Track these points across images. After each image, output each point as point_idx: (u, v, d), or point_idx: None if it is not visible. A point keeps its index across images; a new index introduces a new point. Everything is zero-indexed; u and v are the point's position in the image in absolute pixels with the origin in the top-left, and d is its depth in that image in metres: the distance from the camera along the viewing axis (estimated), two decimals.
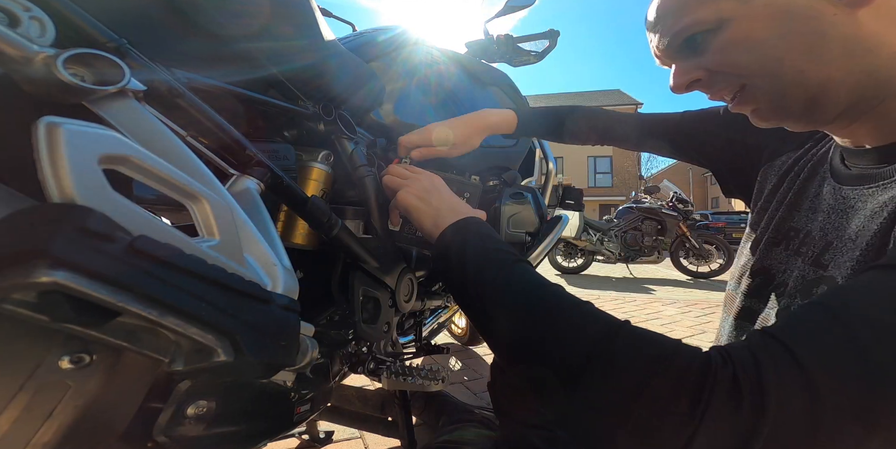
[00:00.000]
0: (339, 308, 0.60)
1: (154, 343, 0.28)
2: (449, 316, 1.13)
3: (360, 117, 0.69)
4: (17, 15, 0.26)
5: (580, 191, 1.42)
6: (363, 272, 0.57)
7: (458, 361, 1.23)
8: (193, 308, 0.27)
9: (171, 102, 0.36)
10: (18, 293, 0.22)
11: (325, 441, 1.02)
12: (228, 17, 0.42)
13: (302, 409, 0.48)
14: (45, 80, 0.26)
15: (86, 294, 0.22)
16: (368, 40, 0.77)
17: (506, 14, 1.02)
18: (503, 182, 0.93)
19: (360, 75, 0.63)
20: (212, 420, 0.36)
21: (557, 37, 1.07)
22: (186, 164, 0.33)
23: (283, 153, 0.56)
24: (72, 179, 0.24)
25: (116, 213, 0.25)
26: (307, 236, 0.55)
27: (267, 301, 0.34)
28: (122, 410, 0.30)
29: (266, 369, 0.34)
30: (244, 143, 0.42)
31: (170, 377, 0.33)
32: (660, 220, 5.13)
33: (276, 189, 0.45)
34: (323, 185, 0.57)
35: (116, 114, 0.30)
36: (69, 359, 0.26)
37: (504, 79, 1.07)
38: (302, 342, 0.39)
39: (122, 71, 0.30)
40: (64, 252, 0.22)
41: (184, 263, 0.27)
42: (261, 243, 0.37)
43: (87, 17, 0.31)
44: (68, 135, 0.24)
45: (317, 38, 0.52)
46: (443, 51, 0.93)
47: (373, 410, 0.89)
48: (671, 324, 2.52)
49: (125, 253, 0.24)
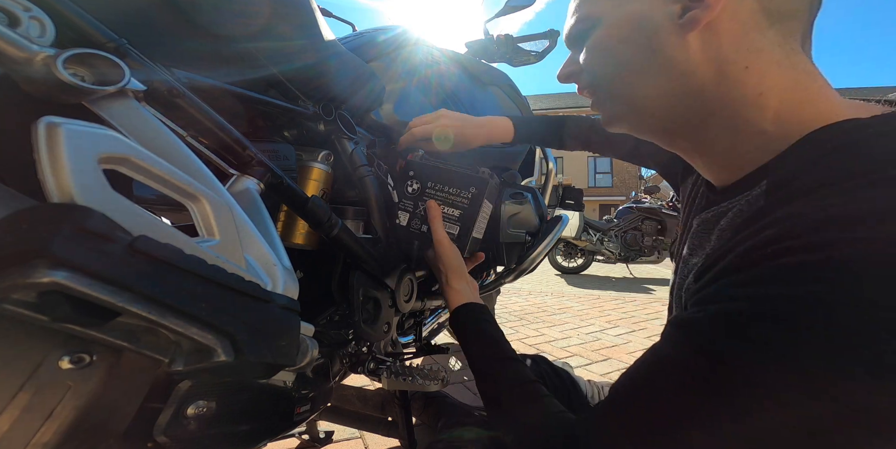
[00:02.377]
0: (339, 308, 0.60)
1: (154, 343, 0.28)
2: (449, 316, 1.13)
3: (360, 117, 0.69)
4: (17, 15, 0.26)
5: (580, 191, 1.42)
6: (363, 272, 0.57)
7: (458, 361, 1.23)
8: (193, 308, 0.27)
9: (171, 102, 0.36)
10: (18, 293, 0.22)
11: (325, 441, 1.02)
12: (228, 17, 0.42)
13: (302, 409, 0.48)
14: (45, 80, 0.26)
15: (86, 294, 0.22)
16: (368, 40, 0.77)
17: (506, 14, 1.02)
18: (503, 182, 0.93)
19: (360, 75, 0.63)
20: (212, 420, 0.36)
21: (557, 37, 1.07)
22: (186, 164, 0.33)
23: (283, 153, 0.56)
24: (72, 179, 0.24)
25: (116, 214, 0.25)
26: (307, 236, 0.55)
27: (267, 301, 0.34)
28: (122, 410, 0.30)
29: (266, 369, 0.34)
30: (244, 143, 0.42)
31: (170, 377, 0.33)
32: (660, 221, 5.13)
33: (276, 189, 0.45)
34: (323, 185, 0.57)
35: (116, 114, 0.30)
36: (69, 359, 0.26)
37: (504, 79, 1.07)
38: (302, 342, 0.39)
39: (122, 71, 0.30)
40: (64, 252, 0.22)
41: (184, 263, 0.27)
42: (261, 243, 0.37)
43: (87, 17, 0.31)
44: (68, 135, 0.24)
45: (317, 38, 0.52)
46: (443, 51, 0.93)
47: (373, 410, 0.89)
48: None
49: (125, 253, 0.24)
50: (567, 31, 0.44)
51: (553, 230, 0.97)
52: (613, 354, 1.80)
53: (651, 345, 0.35)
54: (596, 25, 0.40)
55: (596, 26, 0.40)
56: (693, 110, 0.37)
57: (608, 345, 1.98)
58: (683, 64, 0.36)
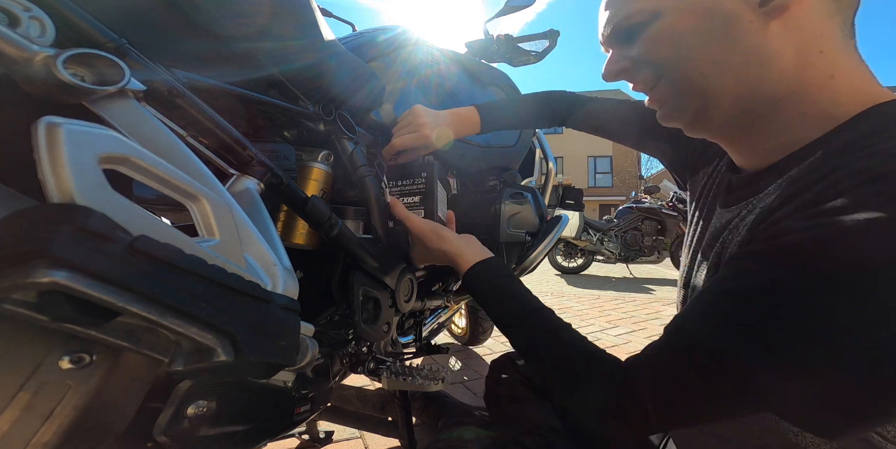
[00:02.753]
0: (339, 308, 0.60)
1: (154, 343, 0.28)
2: (449, 316, 1.13)
3: (360, 117, 0.69)
4: (17, 15, 0.26)
5: (580, 191, 1.42)
6: (363, 272, 0.57)
7: (458, 361, 1.23)
8: (193, 308, 0.27)
9: (171, 102, 0.36)
10: (18, 293, 0.22)
11: (325, 441, 1.01)
12: (228, 17, 0.42)
13: (302, 409, 0.48)
14: (45, 80, 0.26)
15: (86, 294, 0.22)
16: (368, 40, 0.77)
17: (506, 14, 1.02)
18: (503, 182, 0.93)
19: (360, 75, 0.63)
20: (212, 420, 0.36)
21: (557, 37, 1.07)
22: (186, 164, 0.33)
23: (283, 153, 0.56)
24: (72, 179, 0.24)
25: (116, 213, 0.25)
26: (307, 236, 0.55)
27: (267, 301, 0.34)
28: (122, 410, 0.30)
29: (266, 369, 0.34)
30: (244, 143, 0.42)
31: (170, 377, 0.33)
32: (660, 220, 5.13)
33: (276, 189, 0.45)
34: (323, 185, 0.57)
35: (116, 114, 0.30)
36: (69, 359, 0.26)
37: (504, 79, 1.07)
38: (302, 342, 0.39)
39: (122, 71, 0.30)
40: (64, 252, 0.22)
41: (184, 263, 0.27)
42: (261, 243, 0.37)
43: (87, 17, 0.31)
44: (68, 135, 0.24)
45: (317, 38, 0.52)
46: (443, 51, 0.93)
47: (373, 410, 0.88)
48: None
49: (125, 253, 0.24)
50: (613, 27, 0.43)
51: (553, 230, 0.97)
52: (614, 354, 1.80)
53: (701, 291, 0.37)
54: (654, 19, 0.40)
55: (654, 20, 0.40)
56: (765, 98, 0.38)
57: (608, 345, 1.98)
58: (765, 51, 0.36)
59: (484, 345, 1.94)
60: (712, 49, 0.37)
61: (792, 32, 0.36)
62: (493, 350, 1.90)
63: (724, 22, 0.36)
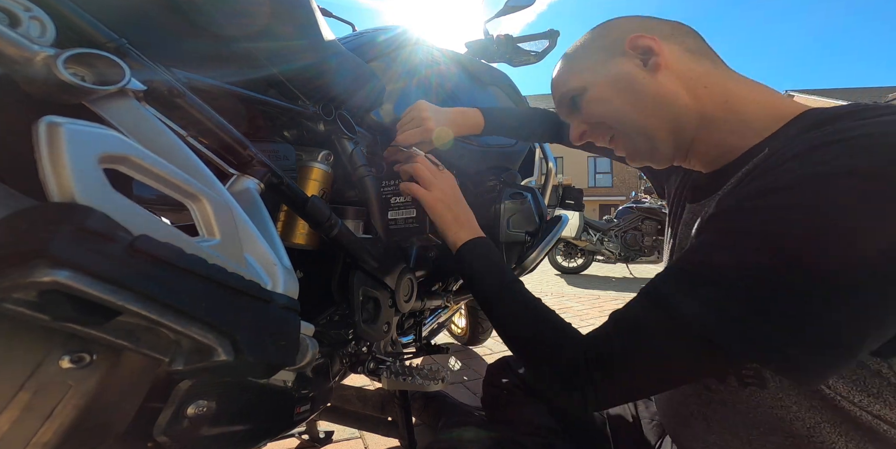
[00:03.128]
0: (339, 308, 0.60)
1: (154, 343, 0.28)
2: (449, 316, 1.13)
3: (360, 117, 0.69)
4: (17, 15, 0.26)
5: (580, 191, 1.42)
6: (363, 272, 0.57)
7: (458, 361, 1.23)
8: (193, 308, 0.27)
9: (171, 102, 0.36)
10: (19, 293, 0.22)
11: (325, 441, 1.02)
12: (228, 17, 0.42)
13: (302, 409, 0.48)
14: (45, 80, 0.26)
15: (86, 293, 0.22)
16: (368, 40, 0.77)
17: (506, 14, 1.02)
18: (503, 182, 0.93)
19: (360, 75, 0.63)
20: (212, 420, 0.36)
21: (557, 37, 1.07)
22: (186, 163, 0.33)
23: (283, 153, 0.56)
24: (72, 179, 0.24)
25: (117, 213, 0.25)
26: (307, 236, 0.55)
27: (267, 301, 0.34)
28: (122, 410, 0.30)
29: (266, 369, 0.34)
30: (244, 143, 0.42)
31: (170, 377, 0.33)
32: (660, 221, 5.13)
33: (276, 189, 0.45)
34: (323, 185, 0.57)
35: (117, 114, 0.30)
36: (69, 358, 0.26)
37: (504, 79, 1.07)
38: (302, 342, 0.39)
39: (123, 71, 0.30)
40: (64, 252, 0.22)
41: (184, 262, 0.27)
42: (261, 243, 0.37)
43: (87, 17, 0.31)
44: (69, 134, 0.24)
45: (317, 38, 0.52)
46: (443, 51, 0.93)
47: (373, 410, 0.88)
48: None
49: (125, 252, 0.24)
50: (559, 101, 0.57)
51: (553, 230, 0.97)
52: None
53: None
54: (584, 92, 0.52)
55: (584, 92, 0.52)
56: (689, 124, 0.48)
57: None
58: (664, 95, 0.47)
59: (484, 345, 1.94)
60: (632, 102, 0.49)
61: (674, 78, 0.47)
62: (492, 350, 1.90)
63: (628, 83, 0.49)
